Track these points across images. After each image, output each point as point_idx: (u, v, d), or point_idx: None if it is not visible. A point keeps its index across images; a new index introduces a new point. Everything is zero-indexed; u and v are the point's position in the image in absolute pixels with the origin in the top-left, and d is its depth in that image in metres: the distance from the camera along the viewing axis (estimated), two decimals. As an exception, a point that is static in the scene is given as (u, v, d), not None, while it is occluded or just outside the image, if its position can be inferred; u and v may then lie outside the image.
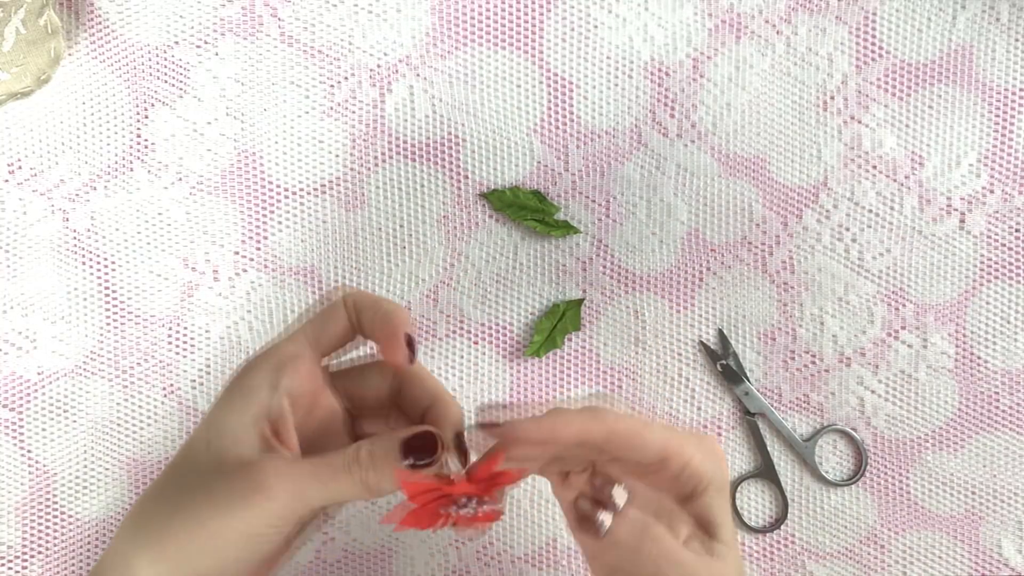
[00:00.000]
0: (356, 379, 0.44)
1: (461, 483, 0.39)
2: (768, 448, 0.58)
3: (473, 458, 0.42)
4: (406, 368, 0.41)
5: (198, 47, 0.56)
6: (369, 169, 0.57)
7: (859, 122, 0.57)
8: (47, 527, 0.57)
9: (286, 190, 0.57)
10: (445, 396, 0.43)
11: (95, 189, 0.56)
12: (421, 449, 0.39)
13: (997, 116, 0.57)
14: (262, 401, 0.40)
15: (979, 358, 0.58)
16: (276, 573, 0.41)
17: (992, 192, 0.57)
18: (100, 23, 0.55)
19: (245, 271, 0.57)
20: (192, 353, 0.57)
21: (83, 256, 0.56)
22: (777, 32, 0.56)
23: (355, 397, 0.44)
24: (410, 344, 0.41)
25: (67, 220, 0.56)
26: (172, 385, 0.57)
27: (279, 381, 0.41)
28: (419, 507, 0.38)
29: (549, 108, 0.57)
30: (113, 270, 0.57)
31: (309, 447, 0.42)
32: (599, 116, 0.57)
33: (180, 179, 0.56)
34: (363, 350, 0.46)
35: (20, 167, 0.56)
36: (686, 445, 0.42)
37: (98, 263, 0.57)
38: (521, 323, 0.58)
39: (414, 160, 0.57)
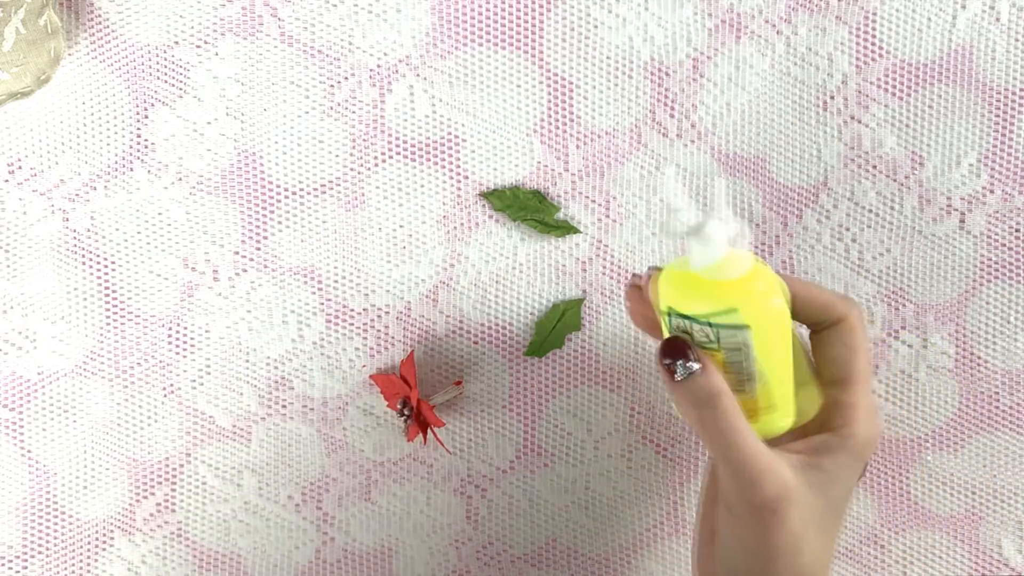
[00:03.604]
0: None
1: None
2: (768, 448, 0.58)
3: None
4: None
5: (198, 47, 0.56)
6: (369, 169, 0.57)
7: (859, 122, 0.57)
8: (47, 527, 0.57)
9: (286, 190, 0.57)
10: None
11: (95, 189, 0.56)
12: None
13: (997, 116, 0.57)
14: None
15: (979, 358, 0.58)
16: None
17: (992, 192, 0.57)
18: (100, 23, 0.56)
19: (245, 271, 0.57)
20: (192, 353, 0.57)
21: (83, 256, 0.56)
22: (777, 32, 0.56)
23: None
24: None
25: (67, 220, 0.56)
26: (172, 385, 0.57)
27: None
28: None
29: (549, 108, 0.57)
30: (113, 270, 0.57)
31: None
32: (599, 116, 0.57)
33: (180, 179, 0.56)
34: None
35: (20, 167, 0.56)
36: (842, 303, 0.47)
37: (98, 263, 0.57)
38: (521, 323, 0.58)
39: (414, 160, 0.57)
